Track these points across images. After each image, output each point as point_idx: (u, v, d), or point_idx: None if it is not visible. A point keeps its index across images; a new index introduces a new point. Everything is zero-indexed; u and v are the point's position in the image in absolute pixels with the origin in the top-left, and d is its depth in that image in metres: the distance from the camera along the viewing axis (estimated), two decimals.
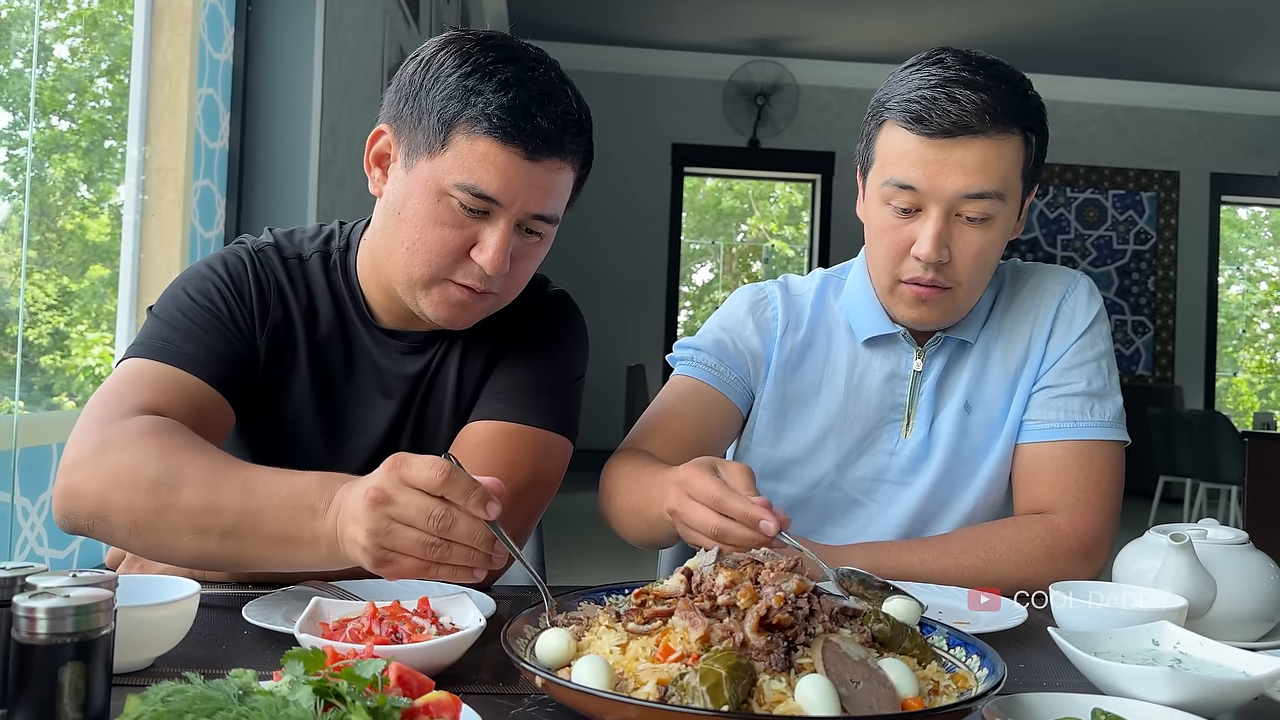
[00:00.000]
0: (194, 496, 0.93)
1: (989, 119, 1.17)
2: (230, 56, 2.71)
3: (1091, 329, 1.33)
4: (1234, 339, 10.04)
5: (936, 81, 1.19)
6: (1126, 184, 8.88)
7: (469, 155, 1.05)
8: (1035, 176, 1.28)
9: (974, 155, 1.18)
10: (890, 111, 1.22)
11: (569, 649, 0.77)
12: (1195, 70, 8.39)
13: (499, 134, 1.04)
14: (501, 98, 1.05)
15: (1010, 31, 7.48)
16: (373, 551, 0.85)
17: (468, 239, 1.08)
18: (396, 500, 0.84)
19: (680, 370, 1.38)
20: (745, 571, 0.78)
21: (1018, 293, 1.37)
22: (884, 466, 1.35)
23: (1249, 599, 1.02)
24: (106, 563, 1.20)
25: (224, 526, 0.93)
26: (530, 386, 1.20)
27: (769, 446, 1.36)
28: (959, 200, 1.20)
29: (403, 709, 0.63)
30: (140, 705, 0.60)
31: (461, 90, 1.06)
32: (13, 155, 2.31)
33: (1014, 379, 1.34)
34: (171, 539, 0.95)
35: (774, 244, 9.88)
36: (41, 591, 0.65)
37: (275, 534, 0.92)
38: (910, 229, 1.22)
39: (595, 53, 8.38)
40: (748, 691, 0.69)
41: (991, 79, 1.20)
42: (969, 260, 1.22)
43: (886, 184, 1.22)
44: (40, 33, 2.31)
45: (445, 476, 0.83)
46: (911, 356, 1.34)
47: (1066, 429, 1.29)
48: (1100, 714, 0.74)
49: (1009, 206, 1.23)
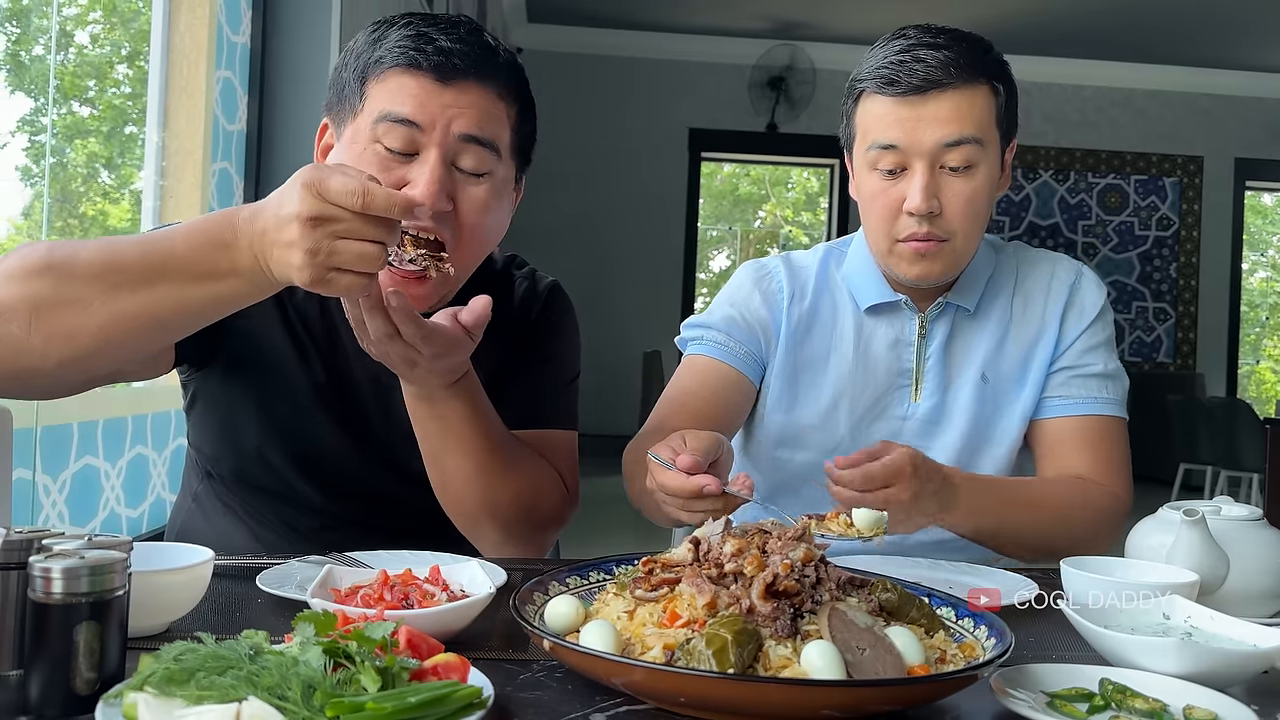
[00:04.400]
0: (90, 260, 0.90)
1: (954, 70, 1.24)
2: (248, 39, 2.72)
3: (1103, 314, 1.41)
4: (1257, 326, 9.94)
5: (901, 48, 1.27)
6: (1149, 169, 8.78)
7: (383, 92, 1.08)
8: (1010, 129, 1.33)
9: (946, 106, 1.25)
10: (862, 83, 1.30)
11: (577, 615, 0.78)
12: (1219, 53, 8.27)
13: (403, 60, 1.07)
14: (400, 34, 1.08)
15: (1031, 14, 7.40)
16: (313, 271, 0.86)
17: (396, 182, 1.07)
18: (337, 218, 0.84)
19: (692, 350, 1.41)
20: (753, 540, 0.78)
21: (1027, 274, 1.43)
22: (897, 431, 1.38)
23: (1263, 575, 1.01)
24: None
25: (132, 280, 0.89)
26: (544, 390, 1.26)
27: (784, 413, 1.39)
28: (940, 151, 1.25)
29: (411, 670, 0.64)
30: (153, 663, 0.61)
31: (369, 46, 1.11)
32: (34, 141, 2.33)
33: (1027, 356, 1.39)
34: (78, 310, 0.89)
35: (790, 230, 9.85)
36: (57, 553, 0.66)
37: (189, 271, 0.89)
38: (899, 188, 1.28)
39: (612, 37, 8.36)
40: (753, 656, 0.69)
41: (952, 40, 1.27)
42: (960, 209, 1.27)
43: (870, 149, 1.29)
44: (61, 19, 2.33)
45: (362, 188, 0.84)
46: (914, 323, 1.38)
47: (1088, 404, 1.36)
48: (1108, 684, 0.74)
49: (989, 154, 1.29)
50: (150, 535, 2.14)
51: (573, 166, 8.28)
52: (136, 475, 2.25)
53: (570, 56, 8.38)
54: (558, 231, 8.17)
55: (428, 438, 1.12)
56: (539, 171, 6.55)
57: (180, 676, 0.60)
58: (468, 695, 0.62)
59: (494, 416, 1.15)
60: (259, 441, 1.22)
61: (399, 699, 0.59)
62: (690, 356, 1.41)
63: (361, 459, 1.23)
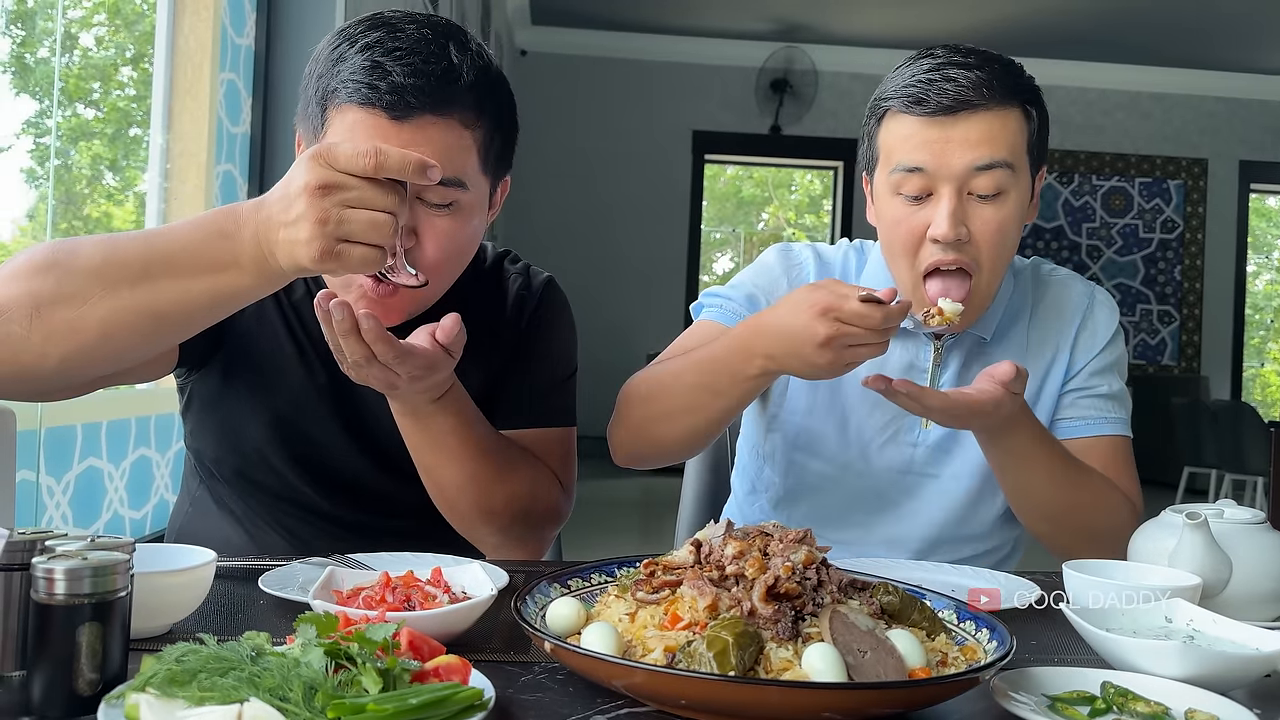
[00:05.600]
0: (91, 257, 0.89)
1: (986, 92, 1.18)
2: (251, 41, 2.73)
3: (1115, 338, 1.38)
4: (1261, 329, 9.92)
5: (930, 67, 1.20)
6: (1153, 171, 8.77)
7: (340, 129, 1.04)
8: (1041, 155, 1.27)
9: (977, 128, 1.18)
10: (889, 102, 1.23)
11: (579, 617, 0.78)
12: (1223, 56, 8.27)
13: (357, 97, 1.02)
14: (357, 60, 1.03)
15: (1034, 16, 7.40)
16: (323, 243, 0.82)
17: None
18: (347, 185, 0.81)
19: (706, 315, 1.36)
20: (754, 542, 0.78)
21: (1042, 301, 1.39)
22: (909, 458, 1.35)
23: (1266, 578, 1.01)
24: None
25: (133, 274, 0.88)
26: (542, 388, 1.27)
27: (801, 415, 1.36)
28: (969, 175, 1.18)
29: (412, 671, 0.64)
30: (155, 664, 0.61)
31: (330, 64, 1.05)
32: (39, 143, 2.34)
33: (1041, 384, 1.36)
34: (78, 307, 0.88)
35: (793, 233, 9.84)
36: (60, 554, 0.66)
37: (191, 265, 0.87)
38: (924, 214, 1.20)
39: (615, 39, 8.36)
40: (754, 659, 0.69)
41: (984, 60, 1.21)
42: (989, 238, 1.20)
43: (894, 171, 1.21)
44: (66, 22, 2.34)
45: (374, 150, 0.81)
46: (929, 350, 1.30)
47: (1101, 424, 1.34)
48: (1109, 687, 0.74)
49: (1019, 180, 1.22)
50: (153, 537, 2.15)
51: (577, 168, 8.29)
52: (140, 477, 2.25)
53: (574, 59, 8.39)
54: (561, 232, 8.18)
55: (418, 450, 1.11)
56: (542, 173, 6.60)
57: (182, 678, 0.60)
58: (469, 697, 0.63)
59: (484, 425, 1.14)
60: (260, 442, 1.22)
61: (400, 700, 0.60)
62: (702, 320, 1.35)
63: (363, 460, 1.23)
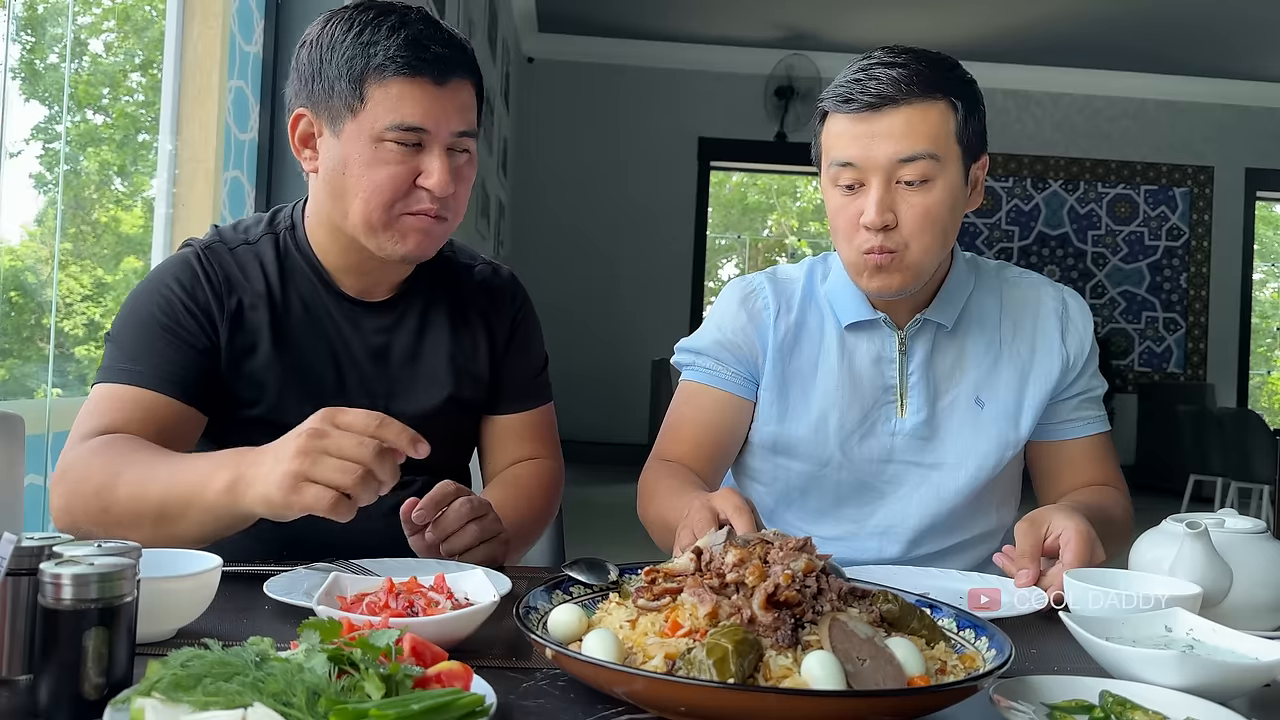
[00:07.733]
0: (126, 493, 1.06)
1: (905, 88, 1.27)
2: (260, 49, 2.74)
3: (1091, 336, 1.47)
4: (1267, 337, 9.88)
5: (860, 68, 1.30)
6: (1159, 179, 8.76)
7: (388, 99, 1.18)
8: (975, 144, 1.33)
9: (899, 122, 1.27)
10: (824, 102, 1.33)
11: (580, 624, 0.79)
12: (1230, 64, 8.26)
13: (407, 70, 1.18)
14: (396, 40, 1.18)
15: (1040, 24, 7.41)
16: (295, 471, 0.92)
17: (411, 171, 1.20)
18: (332, 434, 0.93)
19: (686, 376, 1.48)
20: (754, 550, 0.79)
21: (1012, 298, 1.46)
22: (889, 447, 1.41)
23: (1266, 588, 1.01)
24: None
25: (153, 518, 1.05)
26: (531, 378, 1.45)
27: (776, 423, 1.42)
28: (894, 166, 1.27)
29: (415, 677, 0.65)
30: (160, 669, 0.62)
31: (359, 48, 1.19)
32: (48, 149, 2.36)
33: (1022, 383, 1.42)
34: (122, 530, 1.05)
35: (796, 240, 9.85)
36: (67, 559, 0.67)
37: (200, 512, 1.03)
38: (858, 203, 1.30)
39: (622, 47, 8.39)
40: (754, 666, 0.70)
41: (911, 59, 1.29)
42: (914, 221, 1.28)
43: (831, 165, 1.32)
44: (75, 28, 2.36)
45: (379, 419, 0.94)
46: (894, 340, 1.40)
47: (1097, 423, 1.47)
48: (1108, 696, 0.74)
49: (947, 169, 1.29)
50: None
51: (583, 174, 8.31)
52: None
53: (580, 66, 8.42)
54: (568, 238, 8.19)
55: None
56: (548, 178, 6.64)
57: (187, 682, 0.61)
58: (470, 703, 0.63)
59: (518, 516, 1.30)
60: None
61: (402, 706, 0.60)
62: (685, 382, 1.47)
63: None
